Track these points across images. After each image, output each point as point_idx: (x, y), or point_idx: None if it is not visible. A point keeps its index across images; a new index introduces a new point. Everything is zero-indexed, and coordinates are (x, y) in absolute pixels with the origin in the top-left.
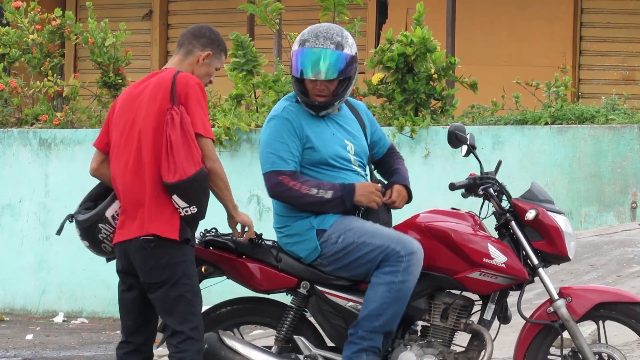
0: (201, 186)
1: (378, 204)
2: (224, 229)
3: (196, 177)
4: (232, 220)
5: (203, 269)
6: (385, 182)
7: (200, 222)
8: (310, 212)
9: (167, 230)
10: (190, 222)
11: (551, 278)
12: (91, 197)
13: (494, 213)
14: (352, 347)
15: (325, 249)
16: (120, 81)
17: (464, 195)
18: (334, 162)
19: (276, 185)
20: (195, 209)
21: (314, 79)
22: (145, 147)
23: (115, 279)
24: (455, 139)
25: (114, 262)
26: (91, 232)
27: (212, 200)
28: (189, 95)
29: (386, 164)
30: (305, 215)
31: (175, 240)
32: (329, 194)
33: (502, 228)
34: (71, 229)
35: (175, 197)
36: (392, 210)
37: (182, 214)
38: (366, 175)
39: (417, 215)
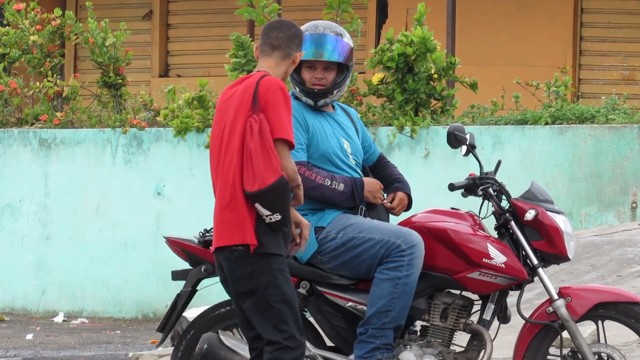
0: (282, 194)
1: (377, 202)
2: None
3: (276, 185)
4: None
5: (203, 269)
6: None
7: (201, 222)
8: (308, 209)
9: (248, 239)
10: (275, 229)
11: (551, 278)
12: None
13: (493, 213)
14: (364, 346)
15: (324, 246)
16: (120, 81)
17: (464, 195)
18: (334, 158)
19: None
20: (279, 216)
21: (316, 59)
22: (230, 154)
23: (115, 279)
24: (455, 140)
25: (114, 263)
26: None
27: (212, 200)
28: (269, 101)
29: (383, 172)
30: (303, 213)
31: (258, 249)
32: (341, 187)
33: (502, 228)
34: (71, 229)
35: (258, 205)
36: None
37: (267, 221)
38: (362, 176)
39: (417, 215)
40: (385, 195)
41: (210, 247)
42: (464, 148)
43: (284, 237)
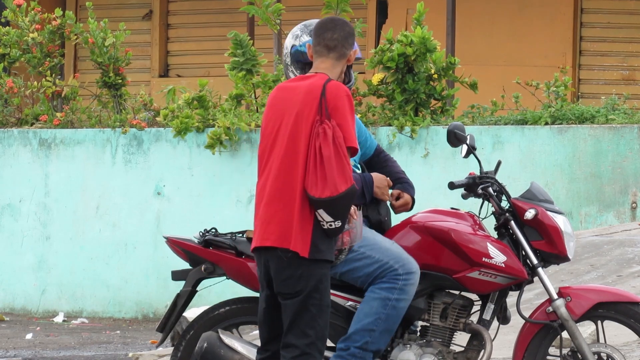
0: (350, 203)
1: (385, 199)
2: (224, 229)
3: (347, 194)
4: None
5: (203, 269)
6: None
7: (201, 222)
8: None
9: (303, 243)
10: (331, 235)
11: (551, 278)
12: None
13: (493, 213)
14: None
15: None
16: (120, 81)
17: (464, 196)
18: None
19: None
20: (339, 224)
21: None
22: (290, 155)
23: (115, 279)
24: (455, 138)
25: (114, 263)
26: None
27: (212, 200)
28: (338, 108)
29: (384, 169)
30: None
31: (313, 254)
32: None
33: (502, 228)
34: (71, 228)
35: (321, 211)
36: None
37: (325, 227)
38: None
39: (417, 215)
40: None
41: (235, 246)
42: (464, 149)
43: (335, 242)
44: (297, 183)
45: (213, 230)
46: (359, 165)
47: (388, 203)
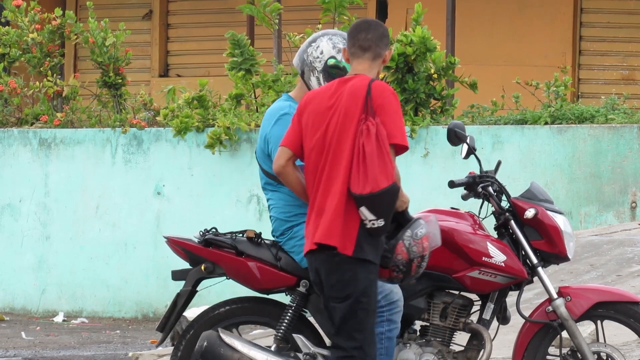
0: (392, 200)
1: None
2: (224, 228)
3: (388, 190)
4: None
5: (203, 268)
6: None
7: (201, 222)
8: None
9: (347, 242)
10: (375, 235)
11: (551, 278)
12: None
13: (493, 213)
14: None
15: None
16: (120, 81)
17: (464, 197)
18: None
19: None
20: (382, 223)
21: None
22: (337, 155)
23: (115, 278)
24: (455, 137)
25: (114, 263)
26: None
27: (212, 200)
28: (384, 106)
29: None
30: (301, 220)
31: (359, 254)
32: None
33: (502, 228)
34: (71, 228)
35: (363, 209)
36: None
37: (368, 226)
38: None
39: (417, 215)
40: None
41: (229, 249)
42: (464, 149)
43: (380, 246)
44: (340, 182)
45: (213, 230)
46: None
47: None
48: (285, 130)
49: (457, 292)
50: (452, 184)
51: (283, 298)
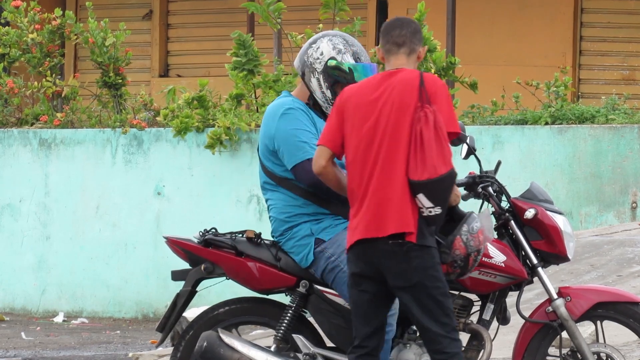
0: (449, 187)
1: None
2: (224, 229)
3: (446, 176)
4: None
5: (203, 268)
6: None
7: (200, 222)
8: (307, 215)
9: (411, 230)
10: (431, 223)
11: (551, 278)
12: None
13: (493, 213)
14: None
15: (318, 261)
16: (120, 81)
17: (464, 197)
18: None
19: None
20: (439, 210)
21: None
22: (393, 144)
23: (115, 279)
24: (455, 137)
25: (114, 263)
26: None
27: (212, 200)
28: (438, 95)
29: None
30: (302, 220)
31: (422, 241)
32: None
33: (502, 228)
34: (71, 229)
35: (420, 196)
36: None
37: (425, 214)
38: None
39: None
40: None
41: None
42: (464, 150)
43: (435, 233)
44: (399, 170)
45: (213, 230)
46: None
47: None
48: (292, 124)
49: (456, 293)
50: None
51: (283, 298)
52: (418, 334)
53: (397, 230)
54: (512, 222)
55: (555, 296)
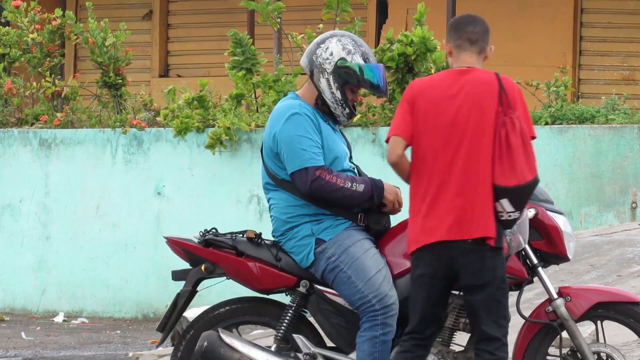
0: (531, 193)
1: (397, 209)
2: (224, 229)
3: (532, 183)
4: None
5: (203, 268)
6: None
7: (201, 223)
8: (308, 216)
9: (492, 233)
10: (506, 226)
11: (551, 278)
12: None
13: None
14: None
15: (319, 262)
16: (120, 81)
17: None
18: (342, 161)
19: (316, 180)
20: (518, 214)
21: (376, 91)
22: (475, 146)
23: (115, 279)
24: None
25: (114, 263)
26: None
27: (212, 200)
28: (517, 99)
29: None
30: (304, 221)
31: (498, 243)
32: (360, 187)
33: None
34: (71, 229)
35: (504, 201)
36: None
37: (503, 218)
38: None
39: None
40: None
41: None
42: None
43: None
44: (483, 173)
45: (213, 230)
46: (355, 173)
47: None
48: (296, 130)
49: (457, 292)
50: None
51: (283, 298)
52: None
53: (481, 234)
54: None
55: (555, 296)
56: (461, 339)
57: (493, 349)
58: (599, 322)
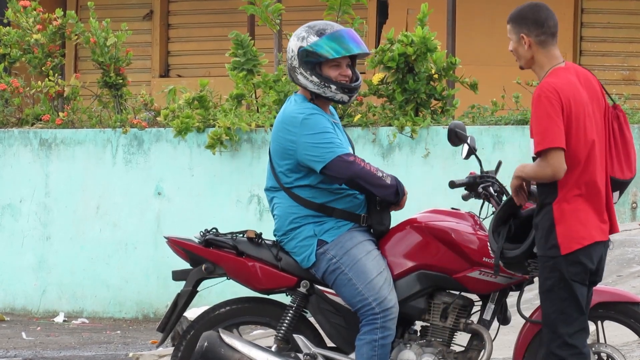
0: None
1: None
2: (224, 229)
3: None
4: None
5: (203, 268)
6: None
7: (201, 222)
8: (311, 216)
9: (617, 229)
10: None
11: None
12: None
13: (493, 213)
14: None
15: (320, 263)
16: (120, 81)
17: (465, 198)
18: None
19: (352, 164)
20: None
21: (360, 52)
22: (602, 143)
23: (115, 279)
24: (455, 137)
25: (114, 263)
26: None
27: (213, 200)
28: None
29: None
30: (307, 222)
31: None
32: (388, 180)
33: None
34: (71, 229)
35: (615, 194)
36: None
37: None
38: None
39: (417, 215)
40: None
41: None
42: (465, 150)
43: None
44: (609, 170)
45: (213, 230)
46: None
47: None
48: (316, 127)
49: (457, 293)
50: (452, 184)
51: (283, 298)
52: (419, 334)
53: (618, 231)
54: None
55: None
56: (461, 339)
57: (556, 345)
58: (599, 322)
